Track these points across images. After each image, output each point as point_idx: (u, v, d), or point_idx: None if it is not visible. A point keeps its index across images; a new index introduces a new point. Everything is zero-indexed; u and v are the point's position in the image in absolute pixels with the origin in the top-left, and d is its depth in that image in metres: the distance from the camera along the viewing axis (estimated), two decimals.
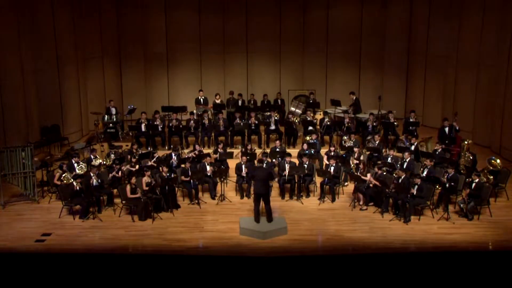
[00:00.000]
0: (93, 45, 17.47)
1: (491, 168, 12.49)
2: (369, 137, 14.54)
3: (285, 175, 12.45)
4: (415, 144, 13.68)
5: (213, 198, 12.51)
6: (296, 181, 12.46)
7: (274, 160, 13.19)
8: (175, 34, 18.69)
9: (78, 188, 11.42)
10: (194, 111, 16.02)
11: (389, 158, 13.05)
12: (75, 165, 12.60)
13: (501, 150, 15.10)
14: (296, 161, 13.19)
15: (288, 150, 13.76)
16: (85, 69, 17.17)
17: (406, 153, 12.87)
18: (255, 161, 12.40)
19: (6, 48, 14.02)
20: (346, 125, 15.02)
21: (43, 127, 15.34)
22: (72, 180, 11.66)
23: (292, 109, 16.73)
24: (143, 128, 15.12)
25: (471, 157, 13.02)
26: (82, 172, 12.45)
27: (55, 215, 11.53)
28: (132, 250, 10.24)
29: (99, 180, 11.87)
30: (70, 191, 11.42)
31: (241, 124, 15.04)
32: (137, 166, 12.84)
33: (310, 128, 15.16)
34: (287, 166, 12.53)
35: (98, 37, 17.62)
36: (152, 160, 13.16)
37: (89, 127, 17.24)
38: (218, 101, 16.54)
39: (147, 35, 18.62)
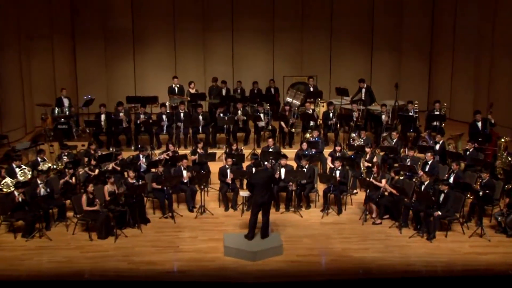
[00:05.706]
0: (40, 21, 17.40)
1: None
2: (384, 134, 14.58)
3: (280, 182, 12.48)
4: (441, 142, 13.73)
5: (191, 210, 12.53)
6: (294, 189, 12.47)
7: (266, 163, 13.18)
8: (143, 6, 18.70)
9: (20, 199, 11.32)
10: (167, 103, 16.05)
11: (408, 160, 13.09)
12: (17, 170, 12.56)
13: None
14: (294, 165, 13.21)
15: (283, 151, 13.80)
16: (30, 51, 17.11)
17: (429, 154, 12.91)
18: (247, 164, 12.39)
19: None
20: (355, 119, 15.06)
21: None
22: (14, 189, 11.56)
23: (289, 99, 16.77)
24: (103, 123, 15.07)
25: (509, 158, 13.08)
26: (26, 179, 12.40)
27: None
28: (89, 276, 10.20)
29: (48, 189, 11.79)
30: (11, 203, 11.32)
31: (225, 118, 15.02)
32: (96, 171, 12.78)
33: (311, 123, 15.18)
34: (282, 171, 12.54)
35: (46, 11, 17.54)
36: (114, 163, 13.11)
37: (35, 122, 17.21)
38: (192, 91, 16.50)
39: (107, 8, 18.61)
